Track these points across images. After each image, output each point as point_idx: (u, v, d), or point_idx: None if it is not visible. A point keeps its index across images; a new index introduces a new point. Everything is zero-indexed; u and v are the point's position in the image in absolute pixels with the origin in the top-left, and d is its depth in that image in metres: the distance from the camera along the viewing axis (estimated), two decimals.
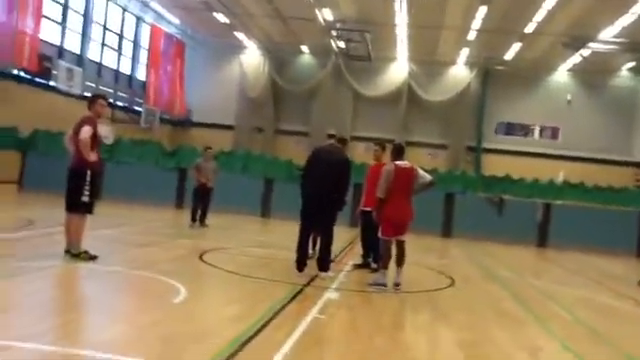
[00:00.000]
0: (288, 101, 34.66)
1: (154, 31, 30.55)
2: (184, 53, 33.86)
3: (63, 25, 24.65)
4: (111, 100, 25.07)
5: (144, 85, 30.90)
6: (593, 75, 31.80)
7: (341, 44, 30.83)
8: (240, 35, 32.41)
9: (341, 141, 9.35)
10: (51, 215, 12.44)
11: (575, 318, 7.63)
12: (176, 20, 32.32)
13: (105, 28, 27.85)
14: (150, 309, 5.94)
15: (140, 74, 31.35)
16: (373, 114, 33.38)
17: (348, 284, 8.45)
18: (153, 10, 30.65)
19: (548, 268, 14.58)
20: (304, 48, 34.16)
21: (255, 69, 34.98)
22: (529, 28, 26.00)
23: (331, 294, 7.45)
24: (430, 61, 33.10)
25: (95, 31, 27.01)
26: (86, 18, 26.05)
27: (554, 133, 33.48)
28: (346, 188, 8.73)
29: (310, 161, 8.80)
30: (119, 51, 29.41)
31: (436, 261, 12.52)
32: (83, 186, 7.87)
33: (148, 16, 30.79)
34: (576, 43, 27.20)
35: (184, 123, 34.76)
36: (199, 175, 14.16)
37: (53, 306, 5.96)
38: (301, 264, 8.54)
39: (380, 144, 10.15)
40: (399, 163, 8.16)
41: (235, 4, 26.97)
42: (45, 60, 22.45)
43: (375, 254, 9.79)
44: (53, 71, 22.99)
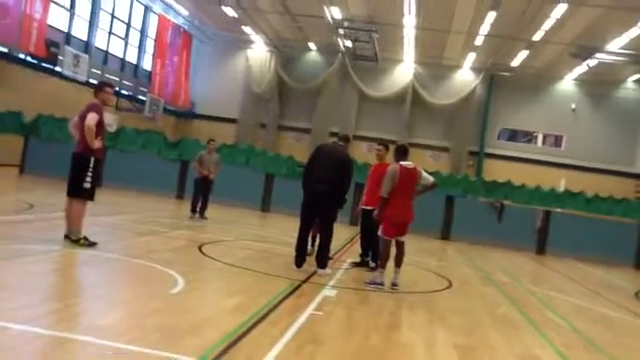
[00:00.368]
0: (293, 98, 34.68)
1: (162, 21, 30.55)
2: (191, 45, 33.87)
3: (71, 11, 24.67)
4: (116, 88, 25.07)
5: (149, 75, 30.92)
6: (599, 85, 31.81)
7: (348, 43, 30.84)
8: (248, 30, 32.41)
9: (344, 139, 9.38)
10: (52, 200, 12.46)
11: (571, 326, 7.63)
12: (184, 11, 32.30)
13: (113, 16, 27.86)
14: (147, 298, 5.94)
15: (146, 64, 31.37)
16: (377, 114, 33.40)
17: (346, 282, 8.44)
18: (162, 0, 30.63)
19: (546, 275, 14.57)
20: (311, 45, 34.17)
21: (261, 64, 34.99)
22: (537, 36, 25.99)
23: (328, 291, 7.45)
24: (436, 64, 33.10)
25: (103, 19, 27.01)
26: (94, 5, 26.08)
27: (557, 141, 33.48)
28: (347, 186, 8.73)
29: (312, 158, 8.80)
30: (126, 40, 29.43)
31: (434, 263, 12.51)
32: (86, 172, 7.90)
33: (157, 6, 30.79)
34: (583, 53, 27.19)
35: (187, 115, 34.78)
36: (201, 167, 14.17)
37: (51, 290, 5.97)
38: (300, 260, 8.55)
39: (384, 144, 10.14)
40: (404, 164, 8.14)
41: None
42: (52, 45, 22.48)
43: (374, 253, 9.80)
44: (59, 57, 23.02)
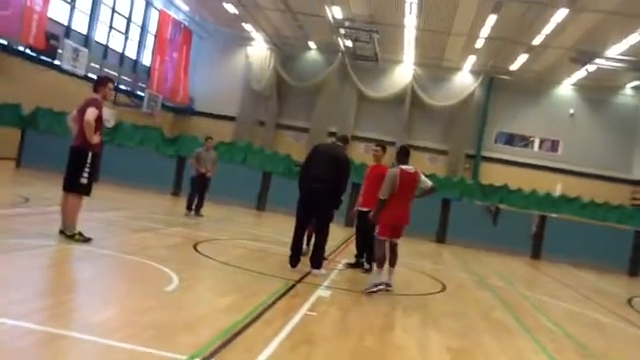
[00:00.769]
0: (292, 96, 34.67)
1: (162, 17, 30.50)
2: (191, 41, 33.83)
3: (72, 5, 24.61)
4: (115, 83, 25.04)
5: (148, 70, 30.87)
6: (597, 91, 31.89)
7: (348, 43, 30.84)
8: (248, 27, 32.38)
9: (343, 140, 9.37)
10: (47, 194, 12.45)
11: (564, 331, 7.65)
12: (185, 7, 32.27)
13: (114, 11, 27.81)
14: (142, 295, 5.94)
15: (145, 59, 31.33)
16: (376, 115, 33.42)
17: (340, 283, 8.45)
18: None
19: (540, 280, 14.60)
20: (311, 44, 34.15)
21: (261, 62, 34.97)
22: (537, 40, 26.04)
23: (322, 292, 7.45)
24: (436, 66, 33.13)
25: (103, 13, 26.96)
26: None
27: (554, 146, 33.55)
28: (344, 187, 8.73)
29: (310, 157, 8.79)
30: (126, 35, 29.37)
31: (429, 266, 12.53)
32: (83, 167, 7.89)
33: (157, 1, 30.73)
34: (582, 58, 27.25)
35: (186, 111, 34.75)
36: (198, 165, 14.15)
37: (45, 286, 5.96)
38: (294, 259, 8.55)
39: (381, 145, 10.14)
40: (404, 167, 8.02)
41: None
42: (52, 38, 22.42)
43: (369, 255, 9.81)
44: (59, 50, 22.97)
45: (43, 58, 22.69)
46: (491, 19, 24.05)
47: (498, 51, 29.28)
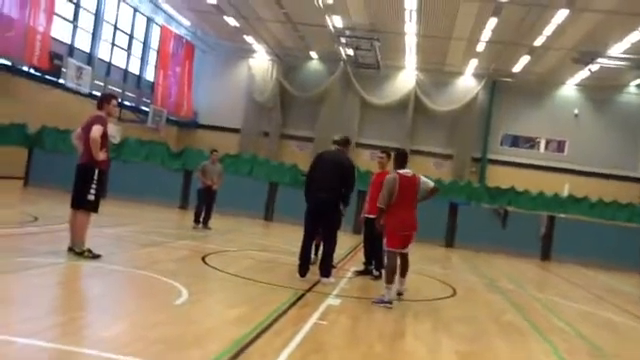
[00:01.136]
0: (295, 106, 34.76)
1: (164, 32, 30.70)
2: (193, 55, 34.01)
3: (74, 24, 24.82)
4: (119, 100, 25.20)
5: (152, 86, 31.05)
6: (601, 90, 31.80)
7: (350, 51, 30.92)
8: (250, 39, 32.54)
9: (343, 142, 9.17)
10: (55, 212, 12.50)
11: (576, 332, 7.60)
12: (186, 22, 32.47)
13: (116, 28, 28.02)
14: (151, 310, 5.95)
15: (149, 75, 31.51)
16: (380, 122, 33.43)
17: (350, 291, 8.44)
18: (164, 11, 30.81)
19: (551, 281, 14.52)
20: (313, 54, 34.27)
21: (263, 73, 35.11)
22: (538, 42, 26.03)
23: (332, 300, 7.44)
24: (438, 71, 33.15)
25: (106, 31, 27.17)
26: (97, 17, 26.23)
27: (560, 146, 33.44)
28: (351, 190, 8.71)
29: (314, 166, 8.79)
30: (129, 51, 29.57)
31: (439, 271, 12.49)
32: (90, 184, 7.93)
33: (159, 17, 30.95)
34: (585, 58, 27.19)
35: (190, 125, 34.88)
36: (204, 177, 14.19)
37: (55, 303, 5.98)
38: (303, 269, 8.55)
39: (385, 152, 10.14)
40: (402, 172, 7.79)
41: (246, 8, 27.09)
42: (55, 58, 22.60)
43: (377, 261, 9.79)
44: (63, 69, 23.15)
45: (47, 77, 22.87)
46: (491, 22, 24.07)
47: (500, 54, 29.29)
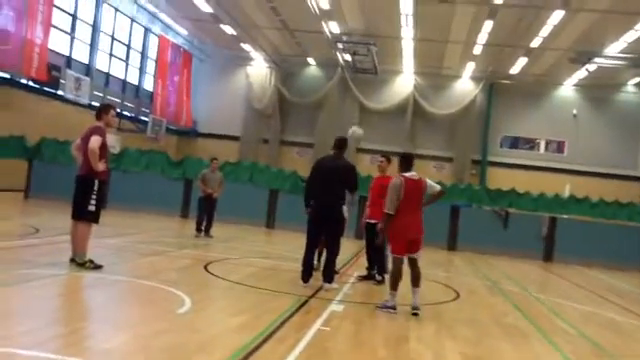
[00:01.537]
0: (294, 113, 34.80)
1: (162, 42, 30.77)
2: (191, 64, 34.08)
3: (72, 35, 24.88)
4: (118, 110, 25.22)
5: (151, 95, 31.10)
6: (599, 90, 31.85)
7: (347, 57, 30.97)
8: (247, 47, 32.62)
9: (338, 145, 8.84)
10: (56, 223, 12.49)
11: (579, 333, 7.59)
12: (184, 31, 32.55)
13: (113, 38, 28.09)
14: (154, 319, 5.94)
15: (147, 84, 31.57)
16: (379, 126, 33.44)
17: (353, 296, 8.42)
18: (161, 21, 30.89)
19: (553, 282, 14.50)
20: (310, 60, 34.34)
21: (261, 81, 35.17)
22: (535, 43, 26.08)
23: (335, 306, 7.43)
24: (436, 74, 33.20)
25: (103, 41, 27.24)
26: (94, 28, 26.30)
27: (560, 147, 33.46)
28: (355, 188, 8.71)
29: (313, 173, 8.77)
30: (127, 61, 29.64)
31: (441, 274, 12.47)
32: (90, 195, 7.93)
33: (156, 27, 31.03)
34: (582, 58, 27.25)
35: (190, 133, 34.92)
36: (205, 186, 14.20)
37: (57, 314, 5.97)
38: (306, 275, 8.53)
39: (385, 156, 10.16)
40: (408, 175, 7.57)
41: (242, 16, 27.16)
42: (53, 69, 22.65)
43: (379, 266, 9.78)
44: (61, 80, 23.19)
45: (46, 89, 22.91)
46: (487, 25, 24.12)
47: (497, 56, 29.35)
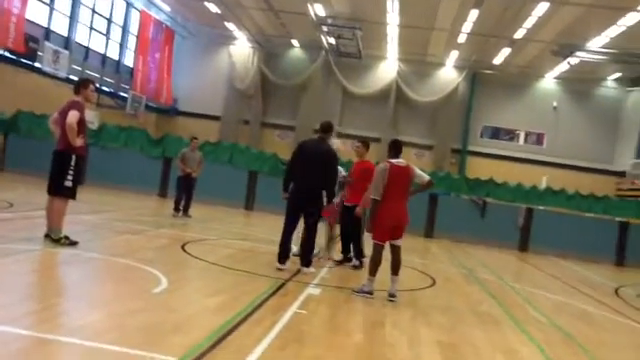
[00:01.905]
0: (276, 94, 34.56)
1: (144, 17, 30.24)
2: (173, 41, 33.59)
3: (51, 6, 24.31)
4: (97, 85, 24.80)
5: (131, 71, 30.62)
6: (580, 84, 32.15)
7: (332, 40, 30.79)
8: (230, 26, 32.22)
9: (324, 129, 8.79)
10: (32, 198, 12.31)
11: (552, 322, 7.71)
12: (166, 7, 32.01)
13: (94, 12, 27.53)
14: (129, 297, 5.88)
15: (128, 60, 31.06)
16: (361, 111, 33.44)
17: (330, 280, 8.44)
18: None
19: (528, 272, 14.71)
20: (294, 42, 34.07)
21: (244, 61, 34.82)
22: (519, 34, 26.18)
23: (312, 290, 7.44)
24: (420, 61, 33.19)
25: (83, 14, 26.68)
26: (75, 0, 25.72)
27: (539, 139, 33.78)
28: (334, 180, 8.68)
29: (295, 155, 8.71)
30: (107, 36, 29.09)
31: (418, 261, 12.57)
32: (67, 170, 7.80)
33: (138, 2, 30.48)
34: (564, 51, 27.44)
35: (170, 112, 34.52)
36: (184, 165, 14.08)
37: (31, 291, 5.88)
38: (282, 257, 8.51)
39: (363, 141, 10.19)
40: (395, 161, 7.50)
41: None
42: (31, 41, 22.14)
43: (355, 250, 9.83)
44: (39, 52, 22.70)
45: (23, 61, 22.41)
46: (473, 14, 24.14)
47: (481, 46, 29.41)
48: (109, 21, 29.10)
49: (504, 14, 24.29)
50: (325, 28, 29.12)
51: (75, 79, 19.49)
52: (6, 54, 21.75)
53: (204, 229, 12.70)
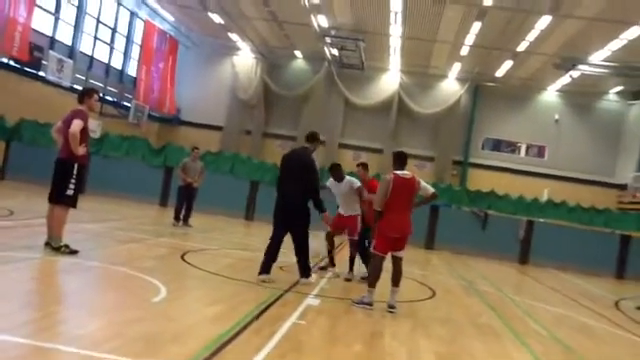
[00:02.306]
0: (278, 105, 34.64)
1: (148, 27, 30.41)
2: (177, 51, 33.72)
3: (56, 16, 24.47)
4: (101, 94, 24.90)
5: (134, 81, 30.74)
6: (581, 97, 32.18)
7: (334, 51, 30.90)
8: (234, 36, 32.37)
9: (309, 138, 8.83)
10: (32, 206, 12.33)
11: (551, 335, 7.69)
12: (170, 17, 32.19)
13: (98, 21, 27.69)
14: (129, 307, 5.89)
15: (131, 70, 31.19)
16: (363, 122, 33.48)
17: (329, 291, 8.43)
18: (148, 6, 30.52)
19: (528, 284, 14.67)
20: (297, 53, 34.20)
21: (247, 71, 34.94)
22: (521, 47, 26.27)
23: (312, 300, 7.43)
24: (422, 73, 33.27)
25: (88, 24, 26.85)
26: (80, 10, 25.89)
27: (540, 151, 33.77)
28: (314, 188, 8.38)
29: (281, 168, 8.67)
30: (111, 45, 29.24)
31: (418, 272, 12.55)
32: (69, 179, 7.83)
33: (142, 12, 30.66)
34: (566, 64, 27.48)
35: (172, 121, 34.60)
36: (185, 175, 14.11)
37: (30, 299, 5.89)
38: (265, 268, 8.24)
39: (361, 163, 10.31)
40: (400, 173, 7.47)
41: (231, 5, 26.95)
42: (36, 50, 22.27)
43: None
44: (43, 61, 22.81)
45: (27, 70, 22.53)
46: (475, 26, 24.24)
47: (483, 58, 29.50)
48: (113, 31, 29.27)
49: (507, 27, 24.39)
50: (328, 39, 29.24)
51: (79, 88, 19.63)
52: (11, 63, 21.88)
53: (204, 239, 12.71)
